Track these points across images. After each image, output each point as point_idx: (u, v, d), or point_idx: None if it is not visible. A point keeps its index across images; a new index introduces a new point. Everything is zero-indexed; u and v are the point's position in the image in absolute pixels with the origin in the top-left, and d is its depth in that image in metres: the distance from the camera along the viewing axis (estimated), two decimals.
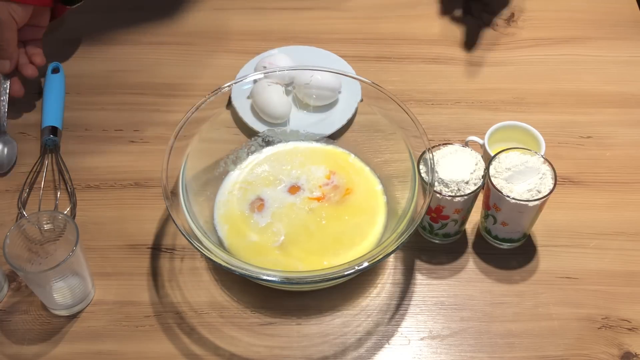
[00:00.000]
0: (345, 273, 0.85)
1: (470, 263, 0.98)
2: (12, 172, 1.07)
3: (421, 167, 0.93)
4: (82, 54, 1.21)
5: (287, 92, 1.08)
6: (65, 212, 1.00)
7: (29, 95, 1.16)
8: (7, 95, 1.11)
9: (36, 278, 0.89)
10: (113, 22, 1.26)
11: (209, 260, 0.86)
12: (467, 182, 0.92)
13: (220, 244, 0.95)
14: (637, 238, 1.00)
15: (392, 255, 0.94)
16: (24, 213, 1.01)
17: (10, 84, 1.10)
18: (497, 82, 1.18)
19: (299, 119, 1.08)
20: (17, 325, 0.93)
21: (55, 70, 1.15)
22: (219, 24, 1.26)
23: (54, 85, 1.13)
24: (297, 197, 0.99)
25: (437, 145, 0.95)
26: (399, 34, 1.25)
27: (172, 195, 0.91)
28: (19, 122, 1.13)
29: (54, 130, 1.08)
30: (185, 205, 0.91)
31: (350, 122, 1.08)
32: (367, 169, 1.02)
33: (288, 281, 0.87)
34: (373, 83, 1.00)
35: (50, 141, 1.07)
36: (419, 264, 0.98)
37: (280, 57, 1.12)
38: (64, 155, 1.08)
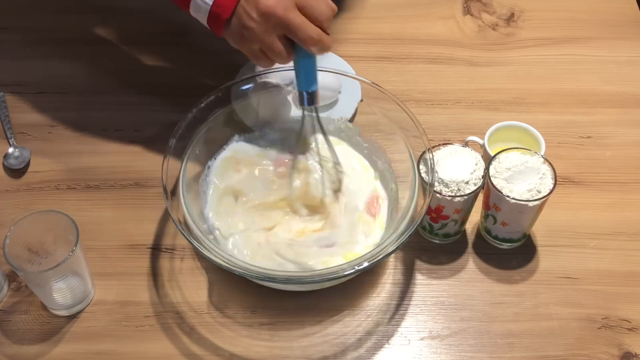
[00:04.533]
0: (345, 273, 0.85)
1: (470, 263, 0.98)
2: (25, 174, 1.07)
3: (421, 167, 0.93)
4: (81, 53, 1.21)
5: (287, 92, 1.08)
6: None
7: (28, 95, 1.16)
8: (7, 110, 1.12)
9: (36, 278, 0.89)
10: (113, 22, 1.26)
11: (209, 260, 0.86)
12: (467, 182, 0.92)
13: None
14: (637, 238, 1.00)
15: (392, 255, 0.94)
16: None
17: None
18: (497, 82, 1.18)
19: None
20: (17, 325, 0.93)
21: None
22: None
23: None
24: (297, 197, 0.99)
25: (437, 145, 0.95)
26: (399, 34, 1.25)
27: (172, 195, 0.91)
28: (18, 122, 1.13)
29: None
30: (186, 206, 0.91)
31: (350, 122, 1.08)
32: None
33: (288, 281, 0.87)
34: (373, 83, 1.00)
35: None
36: (419, 264, 0.98)
37: None
38: (62, 155, 1.08)
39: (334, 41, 0.91)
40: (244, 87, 1.04)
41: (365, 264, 0.85)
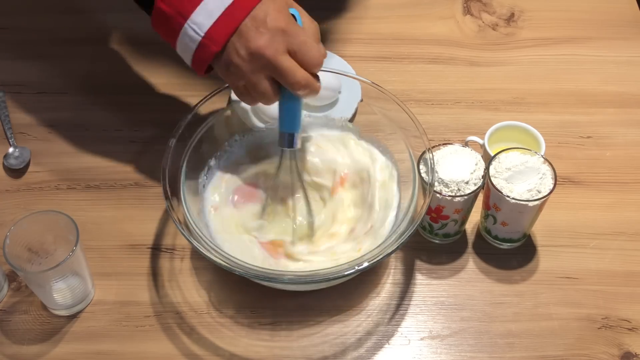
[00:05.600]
0: (345, 273, 0.85)
1: (470, 263, 0.98)
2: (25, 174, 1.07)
3: (421, 167, 0.93)
4: (81, 53, 1.21)
5: None
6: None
7: (28, 95, 1.16)
8: (7, 110, 1.12)
9: (36, 278, 0.89)
10: (113, 22, 1.26)
11: (209, 260, 0.86)
12: (467, 182, 0.92)
13: None
14: (637, 238, 1.00)
15: (392, 255, 0.94)
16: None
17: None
18: (497, 82, 1.18)
19: None
20: (17, 325, 0.93)
21: None
22: None
23: None
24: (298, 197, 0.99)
25: (437, 145, 0.95)
26: (399, 34, 1.25)
27: (172, 195, 0.91)
28: (18, 122, 1.13)
29: None
30: (186, 206, 0.91)
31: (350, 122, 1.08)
32: None
33: (288, 281, 0.87)
34: (373, 83, 1.00)
35: None
36: (419, 264, 0.98)
37: None
38: (62, 155, 1.08)
39: (335, 41, 0.91)
40: None
41: (365, 264, 0.85)
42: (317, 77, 0.87)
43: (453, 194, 0.91)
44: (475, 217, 1.00)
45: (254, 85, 0.86)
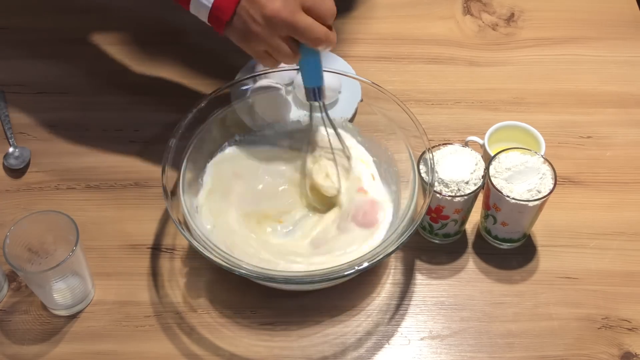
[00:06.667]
0: (345, 273, 0.85)
1: (470, 263, 0.98)
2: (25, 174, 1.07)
3: (421, 167, 0.93)
4: (81, 53, 1.21)
5: (287, 92, 1.08)
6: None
7: (28, 95, 1.16)
8: (7, 110, 1.12)
9: (36, 278, 0.89)
10: (113, 22, 1.26)
11: (209, 260, 0.86)
12: (467, 182, 0.92)
13: None
14: (637, 238, 1.00)
15: (392, 255, 0.94)
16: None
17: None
18: (497, 82, 1.18)
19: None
20: (17, 325, 0.93)
21: None
22: None
23: None
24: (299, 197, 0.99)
25: (437, 145, 0.95)
26: (399, 34, 1.25)
27: (172, 195, 0.91)
28: (18, 122, 1.13)
29: None
30: (186, 206, 0.91)
31: (350, 122, 1.08)
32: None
33: (288, 281, 0.87)
34: (373, 83, 1.00)
35: None
36: (419, 264, 0.98)
37: None
38: (62, 155, 1.08)
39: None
40: (244, 87, 1.05)
41: (365, 264, 0.85)
42: (331, 29, 0.89)
43: (453, 194, 0.91)
44: (475, 217, 1.00)
45: (275, 48, 0.89)
